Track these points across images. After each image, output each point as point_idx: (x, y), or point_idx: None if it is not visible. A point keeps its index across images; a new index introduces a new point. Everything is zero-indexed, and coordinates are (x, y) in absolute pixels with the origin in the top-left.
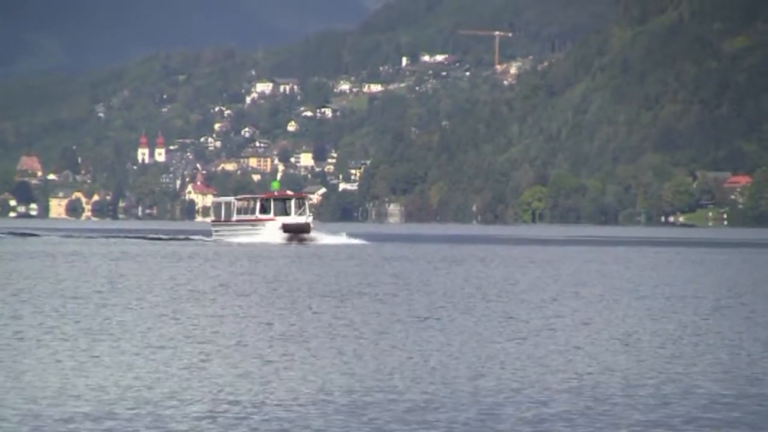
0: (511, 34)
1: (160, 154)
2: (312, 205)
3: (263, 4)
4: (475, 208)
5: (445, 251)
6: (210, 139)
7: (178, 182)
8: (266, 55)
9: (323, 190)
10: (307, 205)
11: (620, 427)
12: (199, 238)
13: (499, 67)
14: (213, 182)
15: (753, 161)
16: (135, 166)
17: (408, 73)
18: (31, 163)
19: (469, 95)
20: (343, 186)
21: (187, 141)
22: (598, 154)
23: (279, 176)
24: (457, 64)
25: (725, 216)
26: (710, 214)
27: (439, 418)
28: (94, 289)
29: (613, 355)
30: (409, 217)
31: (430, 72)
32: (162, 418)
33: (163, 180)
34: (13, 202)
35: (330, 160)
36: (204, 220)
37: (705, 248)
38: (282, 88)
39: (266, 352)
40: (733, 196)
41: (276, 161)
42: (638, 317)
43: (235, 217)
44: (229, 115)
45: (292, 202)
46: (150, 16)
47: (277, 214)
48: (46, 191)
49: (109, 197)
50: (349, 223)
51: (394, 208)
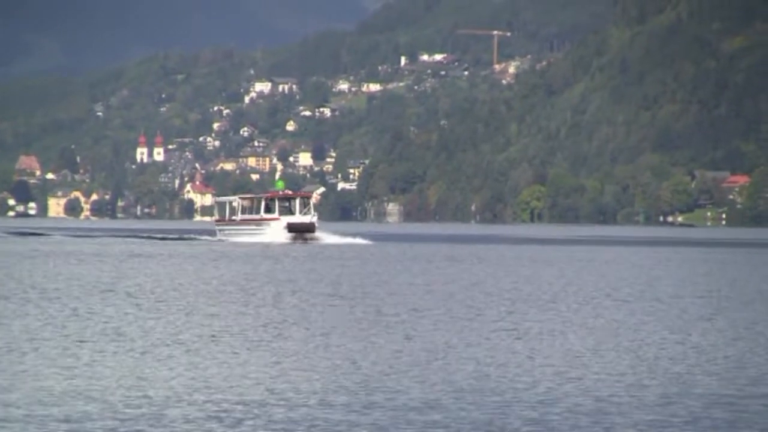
0: (509, 34)
1: (159, 154)
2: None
3: (262, 4)
4: (473, 207)
5: (445, 251)
6: (209, 139)
7: (177, 182)
8: (265, 54)
9: (322, 189)
10: (312, 205)
11: (624, 427)
12: (206, 238)
13: (498, 67)
14: (212, 182)
15: (751, 161)
16: (134, 166)
17: (407, 72)
18: (29, 163)
19: (468, 95)
20: (341, 185)
21: (186, 140)
22: (597, 153)
23: (278, 176)
24: (456, 64)
25: (724, 216)
26: (709, 214)
27: (445, 418)
28: (100, 289)
29: (616, 355)
30: (407, 216)
31: (429, 71)
32: (166, 418)
33: (162, 179)
34: (11, 202)
35: (329, 160)
36: (203, 220)
37: (704, 248)
38: (281, 87)
39: (272, 351)
40: (732, 196)
41: (275, 161)
42: (638, 317)
43: (240, 217)
44: (227, 114)
45: (297, 202)
46: (149, 16)
47: (282, 213)
48: (45, 190)
49: (107, 196)
50: (348, 222)
51: (392, 208)
